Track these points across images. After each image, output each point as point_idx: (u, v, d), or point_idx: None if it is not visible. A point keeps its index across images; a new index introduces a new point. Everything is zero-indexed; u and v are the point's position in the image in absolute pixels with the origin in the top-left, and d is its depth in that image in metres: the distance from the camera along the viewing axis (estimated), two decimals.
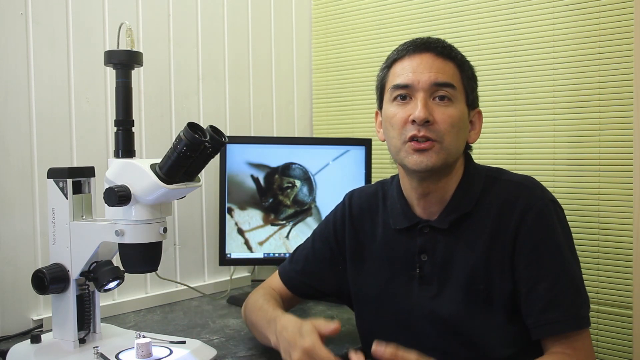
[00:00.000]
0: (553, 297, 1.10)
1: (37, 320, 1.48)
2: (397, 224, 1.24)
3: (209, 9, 1.91)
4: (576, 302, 1.11)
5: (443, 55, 1.17)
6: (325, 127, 2.23)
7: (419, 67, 1.15)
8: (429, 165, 1.13)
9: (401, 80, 1.16)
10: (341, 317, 1.58)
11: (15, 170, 1.46)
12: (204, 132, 1.09)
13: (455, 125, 1.14)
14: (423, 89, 1.14)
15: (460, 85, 1.17)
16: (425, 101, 1.13)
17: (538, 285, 1.11)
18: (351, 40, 2.13)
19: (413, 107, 1.14)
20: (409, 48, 1.18)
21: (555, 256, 1.12)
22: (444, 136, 1.13)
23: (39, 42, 1.49)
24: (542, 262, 1.12)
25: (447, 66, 1.16)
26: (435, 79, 1.14)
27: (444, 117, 1.13)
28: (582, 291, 1.13)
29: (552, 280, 1.11)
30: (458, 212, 1.18)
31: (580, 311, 1.11)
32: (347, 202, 1.36)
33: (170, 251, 1.80)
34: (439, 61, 1.16)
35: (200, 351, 1.23)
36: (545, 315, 1.09)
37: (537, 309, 1.10)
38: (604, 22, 1.58)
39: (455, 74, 1.17)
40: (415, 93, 1.15)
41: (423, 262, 1.20)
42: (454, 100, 1.15)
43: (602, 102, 1.60)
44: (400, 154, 1.16)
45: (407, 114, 1.14)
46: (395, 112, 1.16)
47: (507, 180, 1.20)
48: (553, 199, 1.17)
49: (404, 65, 1.17)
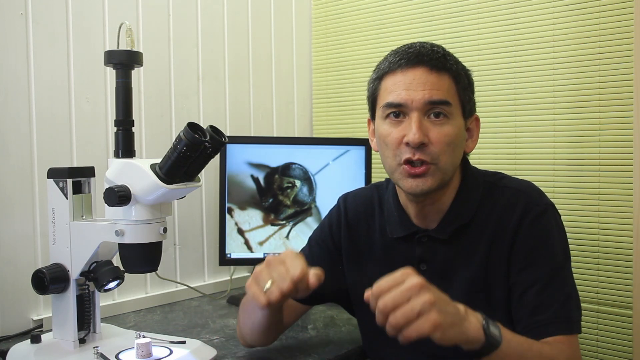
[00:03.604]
0: (542, 301, 1.09)
1: (37, 320, 1.48)
2: (395, 232, 1.23)
3: (209, 9, 1.91)
4: (566, 306, 1.10)
5: (437, 69, 1.11)
6: (325, 127, 2.23)
7: (412, 84, 1.10)
8: (424, 189, 1.11)
9: (393, 99, 1.11)
10: (341, 317, 1.58)
11: (15, 170, 1.46)
12: (204, 132, 1.09)
13: (451, 143, 1.11)
14: (417, 109, 1.10)
15: (455, 99, 1.13)
16: (419, 122, 1.09)
17: (529, 290, 1.10)
18: (351, 40, 2.13)
19: (407, 127, 1.10)
20: (400, 62, 1.13)
21: (548, 262, 1.11)
22: (440, 157, 1.10)
23: (39, 42, 1.49)
24: (535, 268, 1.11)
25: (441, 81, 1.11)
26: (429, 97, 1.09)
27: (439, 137, 1.10)
28: (573, 297, 1.12)
29: (543, 285, 1.10)
30: (457, 222, 1.17)
31: (571, 315, 1.10)
32: (341, 205, 1.34)
33: (170, 251, 1.80)
34: (433, 76, 1.11)
35: (200, 351, 1.23)
36: (534, 318, 1.08)
37: (526, 313, 1.09)
38: (604, 22, 1.59)
39: (451, 88, 1.12)
40: (409, 112, 1.11)
41: (422, 272, 1.19)
42: (450, 116, 1.11)
43: (602, 102, 1.60)
44: (395, 175, 1.14)
45: (401, 134, 1.11)
46: (388, 131, 1.13)
47: (505, 186, 1.19)
48: (551, 203, 1.16)
49: (395, 80, 1.12)
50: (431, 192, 1.13)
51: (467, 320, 0.95)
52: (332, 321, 1.56)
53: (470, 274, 1.15)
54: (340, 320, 1.56)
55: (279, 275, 1.05)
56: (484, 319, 0.97)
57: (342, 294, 1.32)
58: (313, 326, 1.51)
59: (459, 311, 0.95)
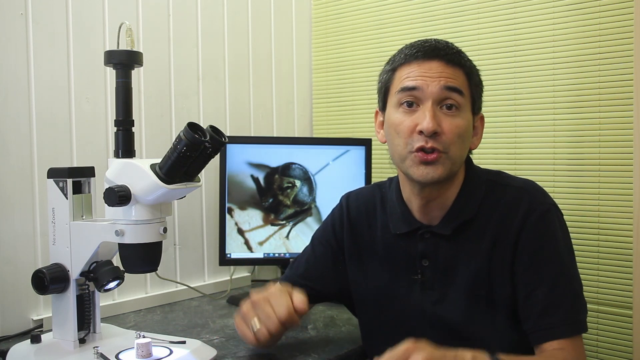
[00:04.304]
0: (551, 301, 1.09)
1: (37, 320, 1.48)
2: (397, 228, 1.23)
3: (209, 9, 1.91)
4: (575, 307, 1.11)
5: (453, 63, 1.14)
6: (325, 127, 2.23)
7: (427, 72, 1.12)
8: (435, 177, 1.12)
9: (409, 83, 1.13)
10: (341, 317, 1.58)
11: (15, 170, 1.46)
12: (204, 132, 1.09)
13: (462, 135, 1.13)
14: (432, 96, 1.11)
15: (468, 92, 1.15)
16: (433, 111, 1.11)
17: (536, 290, 1.11)
18: (351, 40, 2.13)
19: (420, 116, 1.11)
20: (417, 54, 1.14)
21: (555, 261, 1.12)
22: (450, 147, 1.11)
23: (39, 42, 1.49)
24: (541, 268, 1.11)
25: (456, 73, 1.14)
26: (445, 83, 1.11)
27: (451, 128, 1.11)
28: (580, 296, 1.13)
29: (551, 285, 1.10)
30: (460, 218, 1.18)
31: (579, 316, 1.11)
32: (344, 204, 1.35)
33: (170, 251, 1.80)
34: (449, 69, 1.13)
35: (200, 351, 1.23)
36: (543, 319, 1.09)
37: (535, 313, 1.10)
38: (604, 22, 1.59)
39: (464, 82, 1.15)
40: (423, 100, 1.12)
41: (424, 268, 1.20)
42: (461, 109, 1.13)
43: (602, 102, 1.60)
44: (405, 163, 1.15)
45: (414, 123, 1.12)
46: (401, 119, 1.14)
47: (508, 185, 1.20)
48: (554, 203, 1.17)
49: (411, 69, 1.14)
50: (440, 181, 1.14)
51: None
52: (332, 321, 1.56)
53: (473, 271, 1.15)
54: (340, 320, 1.56)
55: (265, 315, 1.11)
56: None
57: (344, 292, 1.33)
58: (313, 326, 1.51)
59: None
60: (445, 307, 1.17)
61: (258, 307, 1.12)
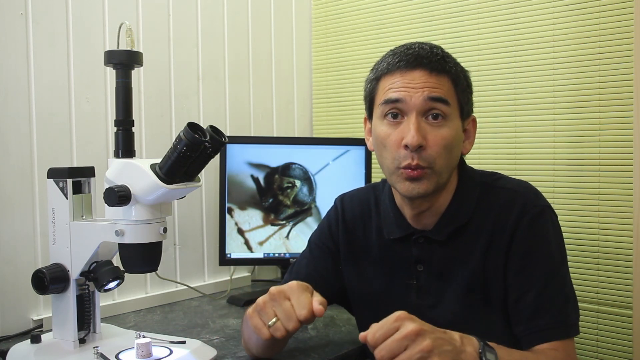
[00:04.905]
0: (541, 304, 1.09)
1: (37, 320, 1.48)
2: (391, 233, 1.23)
3: (209, 9, 1.91)
4: (565, 309, 1.10)
5: (437, 71, 1.10)
6: (325, 127, 2.23)
7: (410, 83, 1.10)
8: (421, 192, 1.11)
9: (393, 95, 1.10)
10: (341, 317, 1.58)
11: (15, 170, 1.46)
12: (204, 132, 1.09)
13: (448, 146, 1.11)
14: (416, 107, 1.09)
15: (454, 100, 1.12)
16: (417, 124, 1.08)
17: (527, 293, 1.10)
18: (351, 40, 2.13)
19: (405, 129, 1.09)
20: (399, 64, 1.11)
21: (546, 264, 1.12)
22: (436, 160, 1.09)
23: (39, 42, 1.49)
24: (532, 271, 1.11)
25: (440, 82, 1.10)
26: (429, 93, 1.08)
27: (436, 140, 1.09)
28: (571, 299, 1.12)
29: (541, 287, 1.10)
30: (454, 224, 1.17)
31: (569, 319, 1.10)
32: (338, 206, 1.34)
33: (170, 251, 1.80)
34: (433, 78, 1.10)
35: (200, 351, 1.23)
36: (533, 322, 1.09)
37: (525, 316, 1.10)
38: (604, 22, 1.59)
39: (450, 89, 1.12)
40: (408, 112, 1.10)
41: (419, 273, 1.20)
42: (448, 117, 1.10)
43: (602, 102, 1.60)
44: (392, 177, 1.14)
45: (400, 136, 1.10)
46: (387, 132, 1.12)
47: (502, 187, 1.19)
48: (547, 204, 1.16)
49: (394, 79, 1.11)
50: (427, 195, 1.13)
51: (465, 352, 0.95)
52: (332, 321, 1.56)
53: (467, 275, 1.15)
54: (340, 320, 1.56)
55: (284, 312, 1.02)
56: (480, 346, 0.97)
57: (344, 294, 1.33)
58: (313, 326, 1.51)
59: (456, 345, 0.95)
60: (440, 312, 1.17)
61: (277, 302, 1.04)
